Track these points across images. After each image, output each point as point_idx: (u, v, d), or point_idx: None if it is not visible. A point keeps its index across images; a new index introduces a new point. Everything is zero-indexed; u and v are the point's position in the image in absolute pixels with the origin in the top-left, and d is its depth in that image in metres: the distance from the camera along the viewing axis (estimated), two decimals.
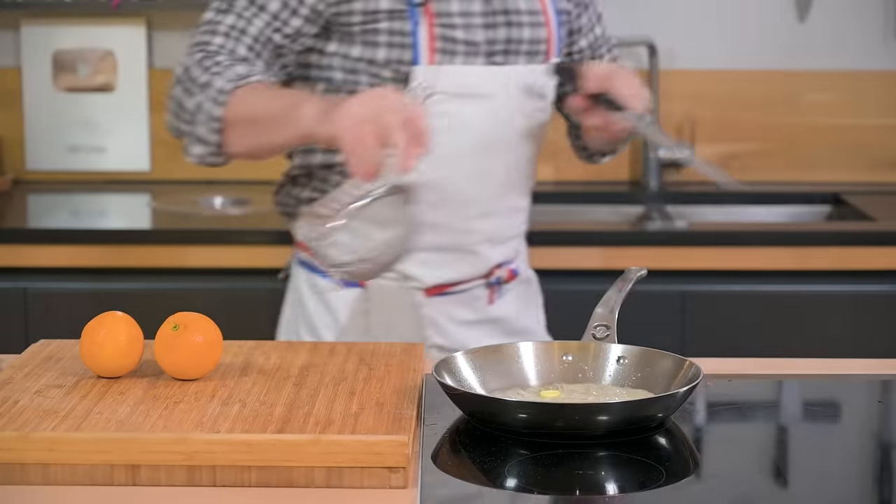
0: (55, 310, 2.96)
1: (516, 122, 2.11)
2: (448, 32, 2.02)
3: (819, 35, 3.56)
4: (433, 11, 2.02)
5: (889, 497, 1.47)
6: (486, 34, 2.05)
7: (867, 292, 2.98)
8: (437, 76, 2.02)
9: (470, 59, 2.05)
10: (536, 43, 2.10)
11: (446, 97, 2.02)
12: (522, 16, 2.08)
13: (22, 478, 1.44)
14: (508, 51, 2.08)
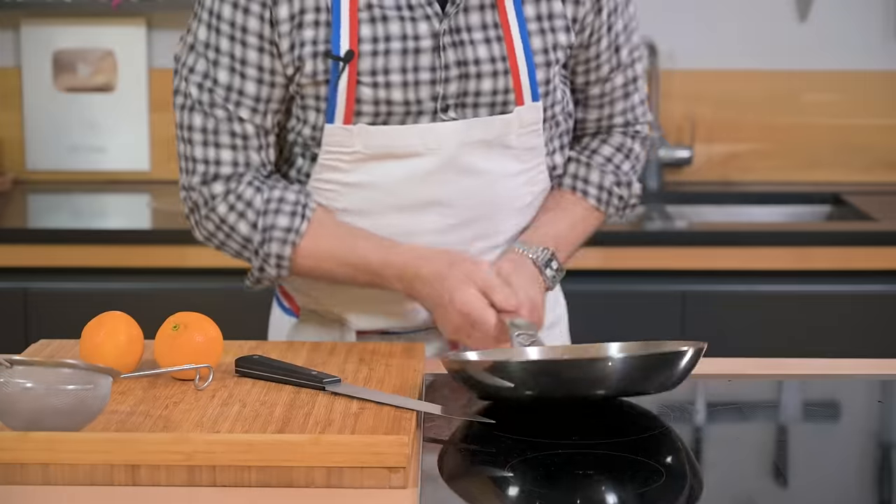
0: (55, 310, 2.96)
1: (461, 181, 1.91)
2: (382, 93, 1.87)
3: (819, 35, 3.56)
4: (363, 69, 1.86)
5: (889, 497, 1.47)
6: (434, 90, 1.88)
7: (867, 292, 2.98)
8: (352, 136, 1.88)
9: (409, 119, 1.89)
10: (498, 94, 1.91)
11: (364, 157, 1.89)
12: (483, 65, 1.89)
13: (22, 478, 1.44)
14: (465, 104, 1.90)
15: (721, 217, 3.46)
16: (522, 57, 1.91)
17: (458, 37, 1.89)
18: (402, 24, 1.87)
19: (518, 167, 1.95)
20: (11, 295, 2.97)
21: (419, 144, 1.89)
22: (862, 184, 3.54)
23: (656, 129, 3.51)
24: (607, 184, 2.04)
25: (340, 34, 1.86)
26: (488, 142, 1.92)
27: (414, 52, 1.87)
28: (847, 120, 3.57)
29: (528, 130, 1.94)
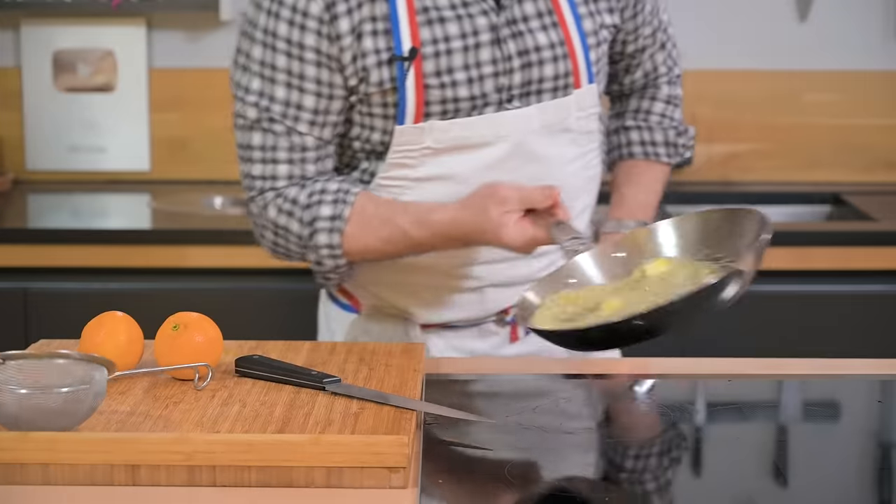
0: (55, 310, 2.95)
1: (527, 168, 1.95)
2: (449, 92, 1.91)
3: (819, 35, 3.56)
4: (428, 71, 1.90)
5: (889, 497, 1.47)
6: (498, 82, 1.93)
7: (867, 292, 2.98)
8: (423, 134, 1.92)
9: (475, 112, 1.93)
10: (559, 78, 1.97)
11: (434, 152, 1.93)
12: (544, 52, 1.95)
13: (22, 478, 1.44)
14: (529, 93, 1.95)
15: None
16: (577, 40, 1.97)
17: (515, 27, 1.94)
18: (459, 22, 1.91)
19: (575, 152, 2.01)
20: (11, 295, 2.97)
21: (489, 134, 1.94)
22: (862, 184, 3.54)
23: None
24: (671, 138, 2.17)
25: (401, 38, 1.89)
26: (550, 126, 1.97)
27: (475, 47, 1.92)
28: (847, 120, 3.57)
29: (586, 114, 2.00)
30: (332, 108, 1.93)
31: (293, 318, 2.97)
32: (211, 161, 3.56)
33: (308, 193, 1.94)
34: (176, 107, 3.56)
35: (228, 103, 3.37)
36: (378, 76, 1.90)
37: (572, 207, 2.00)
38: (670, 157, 2.18)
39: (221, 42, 3.55)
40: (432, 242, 1.92)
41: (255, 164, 1.96)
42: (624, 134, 2.18)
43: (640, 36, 2.11)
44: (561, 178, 1.96)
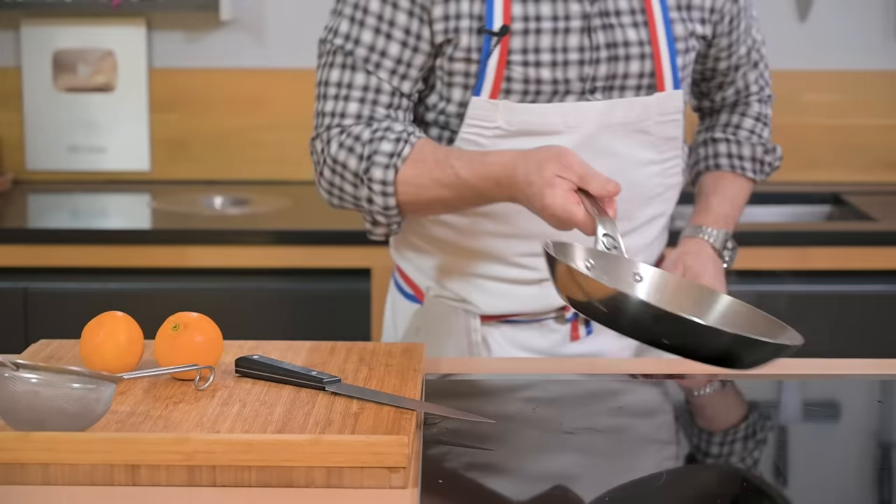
0: (55, 310, 2.96)
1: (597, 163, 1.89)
2: (532, 71, 1.91)
3: (819, 35, 3.56)
4: (515, 47, 1.90)
5: (889, 497, 1.48)
6: (582, 70, 1.93)
7: (867, 292, 2.98)
8: (496, 112, 1.93)
9: (557, 98, 1.93)
10: (643, 76, 1.96)
11: (506, 134, 1.93)
12: (631, 47, 1.95)
13: (22, 478, 1.44)
14: (612, 87, 1.95)
15: None
16: (665, 42, 1.97)
17: (606, 19, 1.94)
18: (553, 4, 1.92)
19: (654, 156, 2.00)
20: (11, 295, 2.97)
21: (560, 122, 1.93)
22: (862, 184, 3.54)
23: None
24: (759, 155, 2.19)
25: (494, 10, 1.90)
26: (627, 125, 1.96)
27: (564, 31, 1.92)
28: (847, 120, 3.57)
29: (667, 119, 1.99)
30: (414, 60, 1.94)
31: (293, 318, 2.97)
32: (211, 161, 3.56)
33: (372, 130, 1.94)
34: (176, 107, 3.56)
35: (228, 103, 3.36)
36: (467, 42, 1.91)
37: (644, 213, 2.01)
38: (755, 174, 2.19)
39: (221, 42, 3.55)
40: (483, 187, 1.88)
41: (328, 101, 1.97)
42: (712, 146, 2.19)
43: (733, 53, 2.11)
44: (634, 180, 1.97)
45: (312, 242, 2.99)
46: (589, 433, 1.60)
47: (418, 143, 1.93)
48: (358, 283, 2.97)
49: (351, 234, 2.97)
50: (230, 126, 3.56)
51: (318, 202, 3.37)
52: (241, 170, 3.58)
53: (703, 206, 2.14)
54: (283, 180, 3.55)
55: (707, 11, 2.01)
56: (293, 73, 3.54)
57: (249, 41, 3.54)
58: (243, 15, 3.54)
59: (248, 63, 3.56)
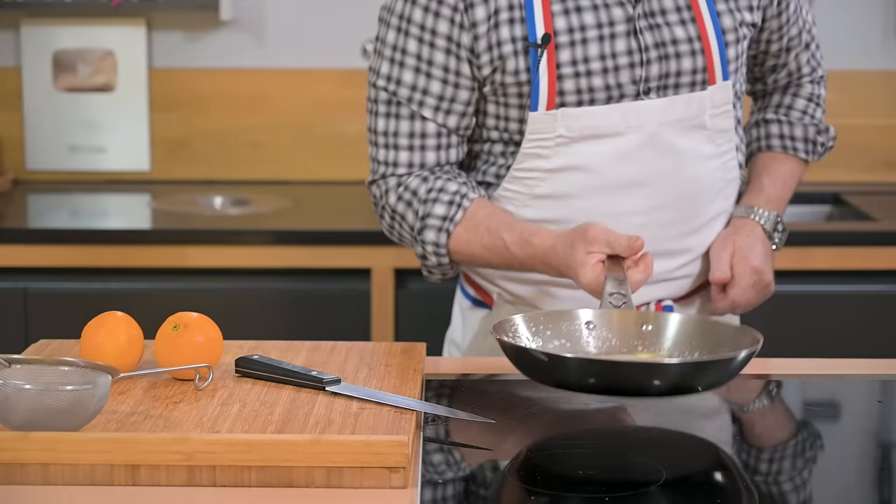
0: (55, 310, 2.96)
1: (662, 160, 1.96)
2: (584, 81, 1.93)
3: (819, 35, 3.55)
4: (563, 59, 1.92)
5: (889, 497, 1.48)
6: (634, 73, 1.94)
7: (867, 292, 2.98)
8: (555, 122, 1.94)
9: (612, 101, 1.94)
10: (697, 73, 1.98)
11: (567, 141, 1.94)
12: (681, 45, 1.96)
13: (22, 478, 1.44)
14: (667, 86, 1.97)
15: None
16: (713, 36, 1.97)
17: (653, 20, 1.95)
18: (596, 12, 1.94)
19: (713, 150, 2.01)
20: (11, 295, 2.97)
21: (621, 123, 1.94)
22: (862, 184, 3.54)
23: None
24: (811, 135, 2.18)
25: (535, 26, 1.92)
26: (685, 121, 1.97)
27: (610, 37, 1.93)
28: (847, 120, 3.57)
29: (720, 111, 2.01)
30: (458, 96, 1.97)
31: (293, 318, 2.97)
32: (211, 161, 3.56)
33: (427, 189, 1.98)
34: (176, 107, 3.56)
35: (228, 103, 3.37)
36: (514, 65, 1.93)
37: (709, 210, 2.02)
38: (808, 154, 2.19)
39: (221, 42, 3.55)
40: (531, 264, 1.94)
41: (379, 149, 2.01)
42: (764, 127, 2.20)
43: (784, 35, 2.12)
44: (697, 175, 1.99)
45: (312, 242, 2.99)
46: (590, 434, 1.60)
47: (472, 206, 1.97)
48: (358, 283, 2.97)
49: (351, 234, 2.97)
50: (230, 126, 3.56)
51: (318, 202, 3.38)
52: (241, 170, 3.57)
53: (754, 187, 2.14)
54: (283, 180, 3.55)
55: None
56: (293, 73, 3.54)
57: (249, 41, 3.54)
58: (243, 15, 3.54)
59: (248, 63, 3.56)
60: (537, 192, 1.97)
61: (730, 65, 2.00)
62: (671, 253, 2.01)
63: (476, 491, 1.47)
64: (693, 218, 2.01)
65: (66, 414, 1.45)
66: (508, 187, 1.99)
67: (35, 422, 1.45)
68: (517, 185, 1.98)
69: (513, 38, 1.92)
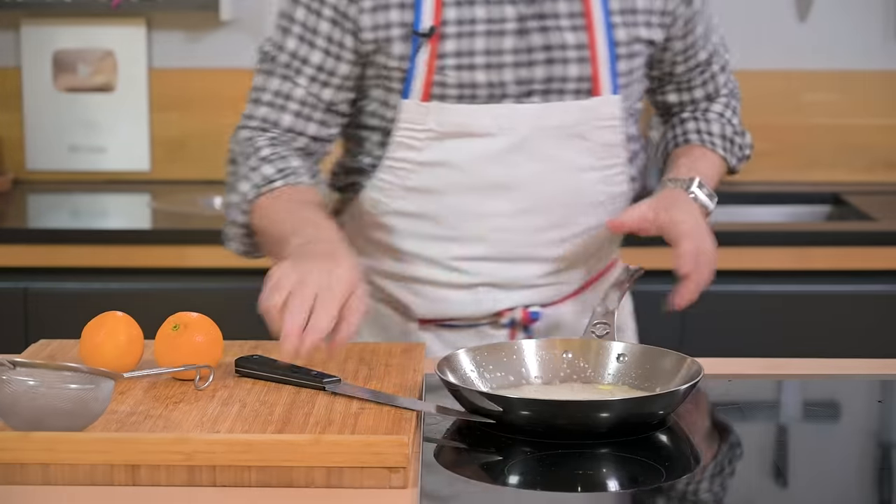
0: (55, 310, 2.95)
1: (532, 166, 1.94)
2: (466, 74, 1.91)
3: (819, 35, 3.56)
4: (447, 51, 1.90)
5: (889, 497, 1.47)
6: (518, 73, 1.91)
7: (867, 292, 2.98)
8: (427, 114, 1.92)
9: (494, 100, 1.92)
10: (582, 81, 1.93)
11: (438, 136, 1.93)
12: (569, 51, 1.92)
13: (22, 478, 1.44)
14: (550, 90, 1.93)
15: (721, 217, 3.45)
16: (604, 47, 1.94)
17: (543, 22, 1.92)
18: (487, 7, 1.91)
19: (593, 162, 1.97)
20: (11, 295, 2.97)
21: (492, 125, 1.92)
22: (862, 184, 3.54)
23: (656, 128, 3.50)
24: (728, 133, 2.13)
25: (423, 14, 1.90)
26: (564, 129, 1.94)
27: (498, 34, 1.91)
28: (847, 120, 3.57)
29: (604, 124, 1.96)
30: (338, 69, 1.95)
31: None
32: (211, 161, 3.56)
33: (271, 152, 1.95)
34: (176, 107, 3.56)
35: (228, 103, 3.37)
36: (400, 49, 1.91)
37: (586, 221, 1.98)
38: (726, 152, 2.12)
39: (221, 42, 3.55)
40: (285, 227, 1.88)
41: (248, 104, 2.02)
42: (680, 126, 2.14)
43: (691, 57, 2.08)
44: (572, 185, 1.96)
45: None
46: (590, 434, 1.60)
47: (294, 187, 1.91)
48: None
49: None
50: (230, 126, 3.54)
51: None
52: None
53: (670, 168, 2.06)
54: None
55: (656, 14, 1.97)
56: None
57: (249, 41, 3.54)
58: (243, 15, 3.54)
59: (248, 63, 3.53)
60: (408, 184, 1.96)
61: (620, 78, 1.95)
62: (539, 259, 1.97)
63: (476, 491, 1.47)
64: (565, 227, 1.97)
65: (69, 416, 1.45)
66: (382, 177, 1.97)
67: (38, 424, 1.45)
68: (390, 174, 1.96)
69: (401, 22, 1.91)
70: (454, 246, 1.97)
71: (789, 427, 1.70)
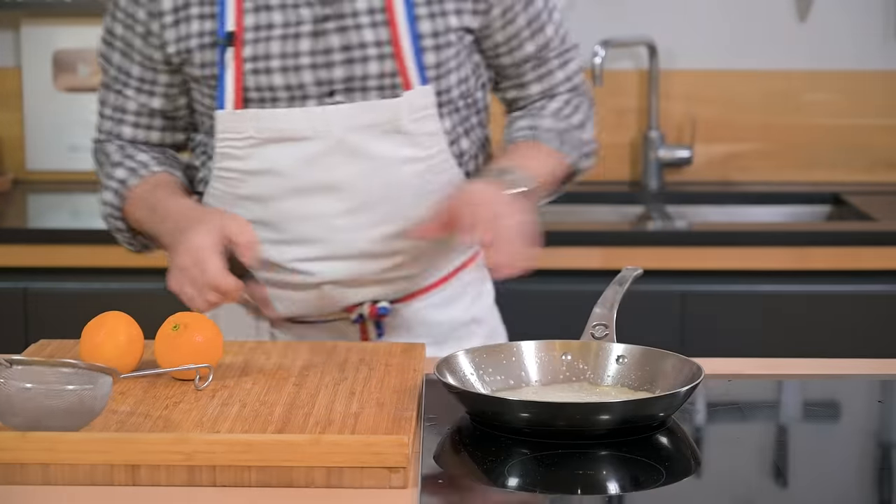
0: (55, 310, 2.95)
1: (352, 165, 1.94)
2: (263, 78, 1.93)
3: (819, 35, 3.56)
4: (246, 55, 1.92)
5: (889, 497, 1.47)
6: (318, 75, 1.92)
7: (867, 292, 2.98)
8: (244, 121, 1.94)
9: (296, 103, 1.93)
10: (385, 77, 1.93)
11: (259, 142, 1.94)
12: (369, 49, 1.92)
13: (22, 478, 1.44)
14: (353, 89, 1.93)
15: (721, 217, 3.46)
16: (408, 40, 1.93)
17: (342, 21, 1.93)
18: (283, 11, 1.93)
19: (416, 152, 1.97)
20: (11, 295, 2.97)
21: (307, 128, 1.94)
22: (862, 184, 3.54)
23: (656, 128, 3.51)
24: (560, 127, 2.04)
25: (226, 23, 1.93)
26: (377, 126, 1.94)
27: (294, 37, 1.93)
28: (847, 120, 3.57)
29: (421, 115, 1.96)
30: (158, 79, 2.02)
31: None
32: None
33: (122, 155, 2.04)
34: None
35: None
36: (201, 58, 1.95)
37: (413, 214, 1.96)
38: (562, 145, 2.02)
39: None
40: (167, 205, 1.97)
41: (96, 115, 2.10)
42: (512, 124, 2.07)
43: (515, 49, 2.03)
44: (396, 179, 1.96)
45: None
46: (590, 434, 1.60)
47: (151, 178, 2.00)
48: None
49: None
50: None
51: None
52: None
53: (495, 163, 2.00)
54: None
55: (468, 1, 1.96)
56: None
57: None
58: None
59: None
60: (239, 192, 1.98)
61: (428, 70, 1.94)
62: (377, 255, 1.97)
63: (476, 491, 1.47)
64: (394, 221, 1.97)
65: (68, 415, 1.45)
66: (215, 186, 2.00)
67: (36, 423, 1.45)
68: (221, 184, 1.99)
69: (201, 32, 1.95)
70: (292, 249, 1.98)
71: (789, 427, 1.70)
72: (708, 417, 1.70)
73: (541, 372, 1.73)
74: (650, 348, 1.72)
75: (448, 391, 1.63)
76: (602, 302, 1.82)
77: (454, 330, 2.09)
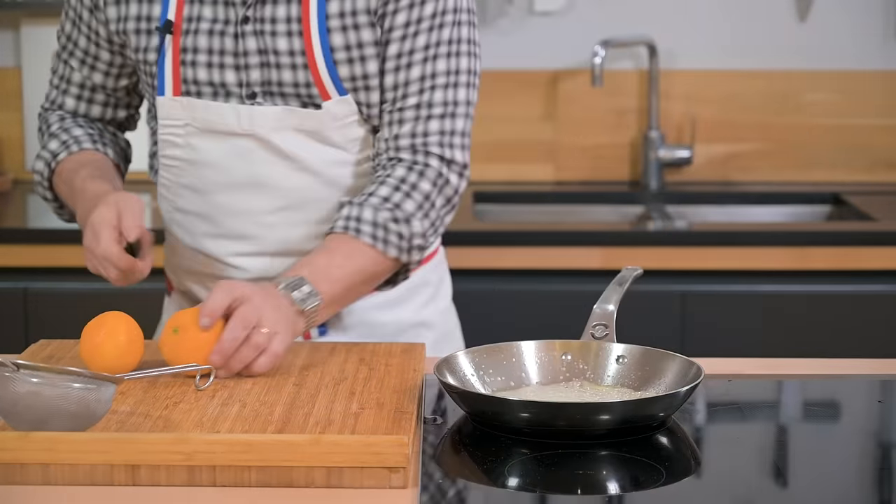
0: (55, 310, 2.95)
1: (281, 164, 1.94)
2: (189, 71, 1.95)
3: (819, 35, 3.56)
4: (181, 47, 1.94)
5: (889, 497, 1.48)
6: (239, 75, 1.94)
7: (867, 292, 2.98)
8: (181, 109, 1.96)
9: (223, 98, 1.94)
10: (300, 86, 1.92)
11: (197, 132, 1.96)
12: (282, 57, 1.91)
13: (22, 478, 1.44)
14: (272, 93, 1.93)
15: (721, 217, 3.46)
16: (321, 53, 1.92)
17: (261, 26, 1.93)
18: (213, 7, 1.95)
19: (343, 156, 1.97)
20: (11, 295, 2.97)
21: (236, 124, 1.95)
22: (862, 184, 3.54)
23: (656, 128, 3.51)
24: (381, 220, 1.88)
25: (168, 9, 1.95)
26: (307, 133, 1.95)
27: (220, 34, 1.95)
28: (847, 120, 3.57)
29: (346, 122, 1.95)
30: (100, 55, 2.05)
31: None
32: None
33: (59, 126, 2.07)
34: None
35: None
36: (136, 43, 1.98)
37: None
38: (375, 240, 1.87)
39: None
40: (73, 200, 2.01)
41: (48, 84, 2.14)
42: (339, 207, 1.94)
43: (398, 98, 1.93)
44: (323, 180, 1.96)
45: None
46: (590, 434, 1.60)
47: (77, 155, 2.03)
48: None
49: None
50: None
51: None
52: None
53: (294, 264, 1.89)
54: None
55: (372, 13, 1.91)
56: None
57: None
58: None
59: None
60: (182, 181, 2.00)
61: (344, 83, 1.92)
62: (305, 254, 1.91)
63: (477, 490, 1.47)
64: (324, 222, 1.95)
65: (72, 419, 1.45)
66: (163, 174, 2.03)
67: (41, 424, 1.45)
68: (167, 172, 2.02)
69: (139, 16, 1.97)
70: (228, 243, 1.99)
71: (789, 427, 1.70)
72: (708, 417, 1.70)
73: (541, 372, 1.73)
74: (650, 348, 1.72)
75: (448, 391, 1.63)
76: (602, 302, 1.82)
77: (401, 332, 2.07)
